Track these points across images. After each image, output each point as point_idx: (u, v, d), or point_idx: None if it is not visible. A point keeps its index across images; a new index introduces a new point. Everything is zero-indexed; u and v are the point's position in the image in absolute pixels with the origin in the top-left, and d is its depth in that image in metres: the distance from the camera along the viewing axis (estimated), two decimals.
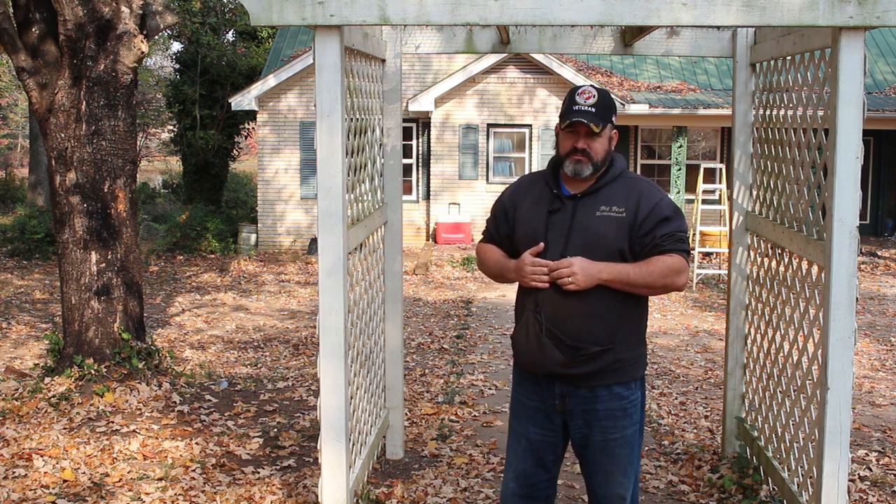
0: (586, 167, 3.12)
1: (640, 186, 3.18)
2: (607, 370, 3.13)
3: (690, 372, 7.93)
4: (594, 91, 3.14)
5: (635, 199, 3.11)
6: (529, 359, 3.21)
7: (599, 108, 3.10)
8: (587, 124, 3.08)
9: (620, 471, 3.21)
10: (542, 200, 3.20)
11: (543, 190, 3.23)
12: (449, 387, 7.11)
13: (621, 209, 3.10)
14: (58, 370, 6.46)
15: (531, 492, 3.31)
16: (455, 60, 17.34)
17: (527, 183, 3.33)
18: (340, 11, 3.41)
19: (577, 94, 3.14)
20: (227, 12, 22.05)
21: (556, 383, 3.19)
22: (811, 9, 3.30)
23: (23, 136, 37.48)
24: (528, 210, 3.22)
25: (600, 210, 3.12)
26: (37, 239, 15.66)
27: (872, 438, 5.91)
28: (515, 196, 3.30)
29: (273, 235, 17.72)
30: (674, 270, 3.07)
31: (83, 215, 6.46)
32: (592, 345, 3.09)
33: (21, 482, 4.78)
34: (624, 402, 3.18)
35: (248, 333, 9.68)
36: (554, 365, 3.13)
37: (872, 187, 18.59)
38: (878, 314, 10.98)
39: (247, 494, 4.70)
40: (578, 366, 3.11)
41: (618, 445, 3.19)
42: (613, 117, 3.19)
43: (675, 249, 3.08)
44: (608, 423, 3.17)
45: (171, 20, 7.06)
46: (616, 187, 3.16)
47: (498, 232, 3.33)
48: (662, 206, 3.11)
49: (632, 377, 3.19)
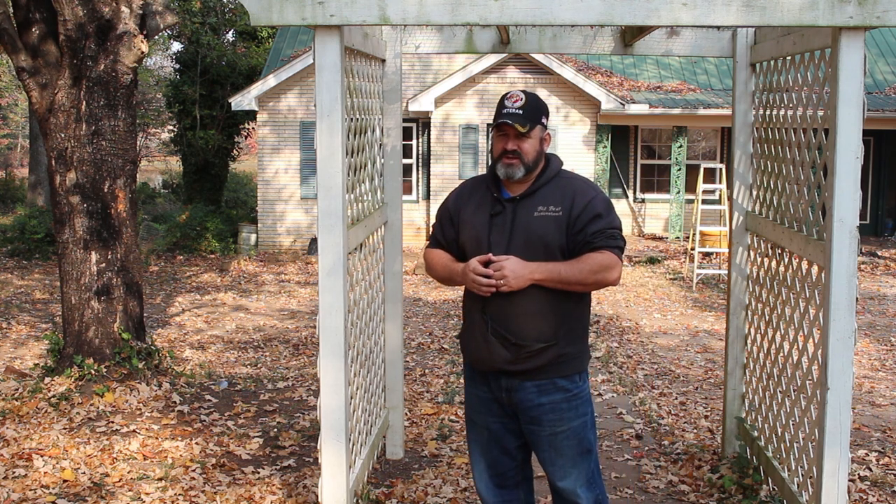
0: (518, 169, 3.22)
1: (575, 185, 3.27)
2: (551, 364, 3.24)
3: (690, 372, 7.93)
4: (522, 95, 3.24)
5: (570, 198, 3.21)
6: (477, 356, 3.33)
7: (527, 110, 3.20)
8: (513, 125, 3.18)
9: (570, 463, 3.31)
10: (484, 204, 3.31)
11: (485, 194, 3.33)
12: (449, 387, 7.12)
13: (558, 208, 3.20)
14: (58, 370, 6.47)
15: (502, 480, 3.45)
16: (455, 60, 17.33)
17: (469, 188, 3.43)
18: (340, 11, 3.41)
19: (506, 98, 3.25)
20: (227, 12, 22.05)
21: (501, 378, 3.30)
22: (811, 9, 3.31)
23: (23, 136, 37.48)
24: (471, 214, 3.32)
25: (538, 210, 3.21)
26: (37, 239, 15.66)
27: (872, 438, 5.91)
28: (459, 201, 3.41)
29: (273, 235, 17.72)
30: (604, 266, 3.15)
31: (83, 215, 6.46)
32: (536, 342, 3.20)
33: (21, 482, 4.78)
34: (568, 395, 3.27)
35: (248, 333, 9.68)
36: (500, 362, 3.25)
37: (872, 187, 18.59)
38: (878, 314, 10.98)
39: (247, 494, 4.70)
40: (523, 362, 3.23)
41: (565, 437, 3.28)
42: (544, 119, 3.27)
43: (605, 246, 3.16)
44: (554, 416, 3.27)
45: (171, 20, 7.06)
46: (552, 187, 3.25)
47: (444, 237, 3.43)
48: (595, 203, 3.20)
49: (575, 370, 3.29)
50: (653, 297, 11.94)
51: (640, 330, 9.92)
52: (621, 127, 17.91)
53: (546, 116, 3.29)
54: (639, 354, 8.62)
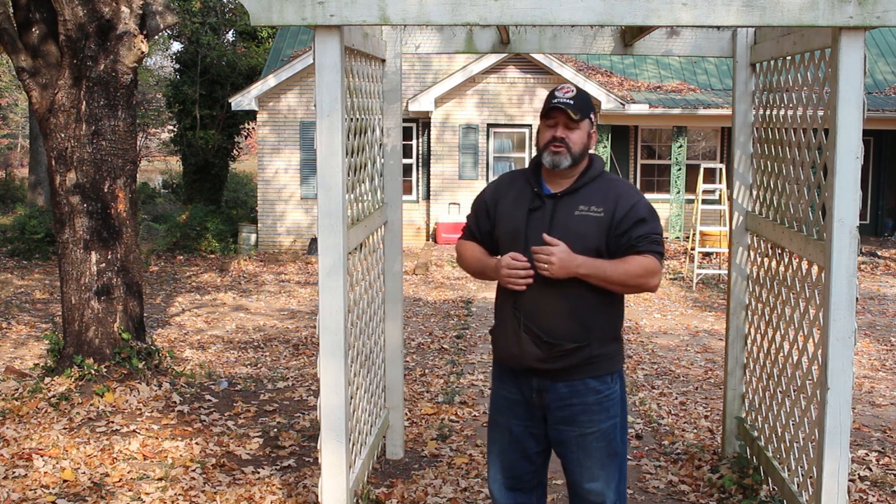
0: (565, 158, 3.17)
1: (619, 188, 3.24)
2: (583, 365, 3.19)
3: (690, 372, 7.93)
4: (573, 87, 3.23)
5: (613, 200, 3.17)
6: (507, 354, 3.28)
7: (578, 101, 3.18)
8: (565, 111, 3.15)
9: (598, 465, 3.25)
10: (523, 198, 3.26)
11: (524, 188, 3.28)
12: (449, 387, 7.12)
13: (600, 209, 3.16)
14: (58, 370, 6.46)
15: (517, 483, 3.38)
16: (455, 60, 17.34)
17: (508, 180, 3.38)
18: (340, 11, 3.41)
19: (556, 89, 3.24)
20: (227, 12, 22.05)
21: (533, 377, 3.25)
22: (811, 9, 3.31)
23: (23, 136, 37.48)
24: (509, 207, 3.28)
25: (579, 209, 3.18)
26: (37, 239, 15.65)
27: (872, 438, 5.91)
28: (497, 193, 3.36)
29: (273, 235, 17.72)
30: (648, 271, 3.14)
31: (83, 215, 6.46)
32: (569, 341, 3.15)
33: (21, 482, 4.78)
34: (600, 397, 3.23)
35: (248, 333, 9.68)
36: (531, 360, 3.20)
37: (872, 187, 18.59)
38: (878, 314, 10.98)
39: (247, 494, 4.70)
40: (555, 361, 3.18)
41: (594, 439, 3.23)
42: (592, 115, 3.25)
43: (650, 251, 3.14)
44: (584, 417, 3.22)
45: (171, 20, 7.06)
46: (595, 187, 3.22)
47: (479, 229, 3.38)
48: (639, 208, 3.17)
49: (607, 371, 3.24)
50: (653, 297, 11.94)
51: (640, 330, 9.92)
52: (621, 127, 17.90)
53: (595, 113, 3.27)
54: (639, 354, 8.62)
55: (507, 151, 17.74)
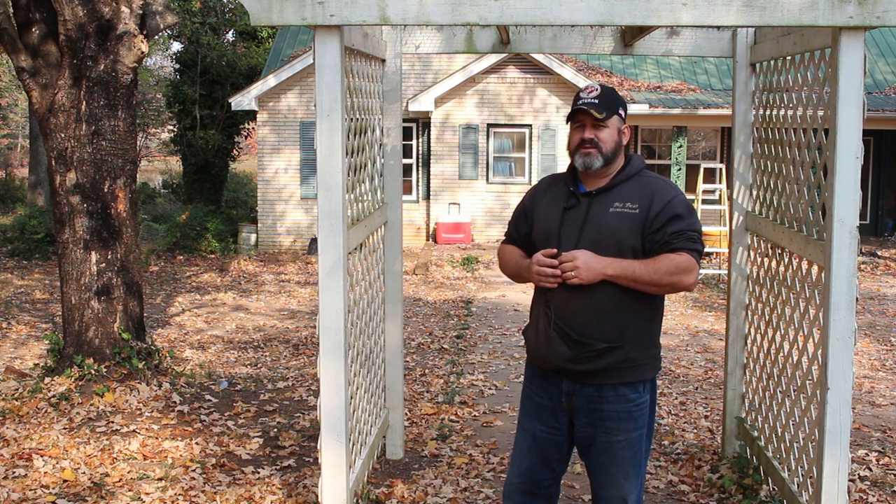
0: (596, 159, 3.13)
1: (655, 184, 3.17)
2: (614, 369, 3.11)
3: (690, 372, 7.93)
4: (598, 86, 3.19)
5: (649, 196, 3.11)
6: (538, 353, 3.23)
7: (602, 99, 3.14)
8: (589, 111, 3.11)
9: (622, 473, 3.19)
10: (559, 197, 3.24)
11: (561, 188, 3.27)
12: (449, 387, 7.11)
13: (635, 206, 3.10)
14: (58, 370, 6.46)
15: (533, 488, 3.33)
16: (455, 60, 17.33)
17: (547, 183, 3.38)
18: (340, 11, 3.41)
19: (581, 91, 3.21)
20: (227, 12, 22.06)
21: (563, 380, 3.19)
22: (811, 9, 3.30)
23: (23, 136, 37.48)
24: (545, 208, 3.26)
25: (614, 206, 3.12)
26: (37, 239, 15.66)
27: (872, 438, 5.91)
28: (535, 196, 3.35)
29: (273, 235, 17.72)
30: (682, 269, 3.04)
31: (83, 215, 6.46)
32: (599, 341, 3.08)
33: (21, 482, 4.78)
34: (630, 405, 3.15)
35: (248, 333, 9.68)
36: (560, 360, 3.13)
37: (872, 187, 18.60)
38: (878, 314, 10.98)
39: (247, 494, 4.70)
40: (584, 362, 3.10)
41: (621, 448, 3.17)
42: (621, 111, 3.20)
43: (684, 248, 3.05)
44: (612, 424, 3.15)
45: (171, 20, 7.06)
46: (632, 185, 3.16)
47: (518, 231, 3.37)
48: (675, 204, 3.09)
49: (640, 378, 3.16)
50: None
51: None
52: None
53: (624, 109, 3.21)
54: None
55: (507, 151, 17.74)
